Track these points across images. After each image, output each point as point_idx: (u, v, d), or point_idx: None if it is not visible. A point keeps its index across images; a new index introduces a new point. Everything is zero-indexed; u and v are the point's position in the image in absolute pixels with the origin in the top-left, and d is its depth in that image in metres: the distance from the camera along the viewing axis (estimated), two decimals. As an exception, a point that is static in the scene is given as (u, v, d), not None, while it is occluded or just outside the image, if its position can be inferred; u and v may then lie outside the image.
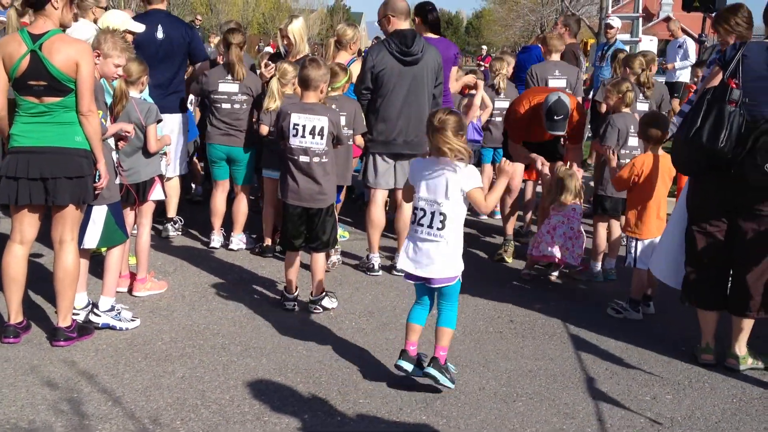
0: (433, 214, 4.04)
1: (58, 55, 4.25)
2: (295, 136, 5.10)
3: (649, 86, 7.20)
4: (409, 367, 4.16)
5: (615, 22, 10.67)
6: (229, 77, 6.52)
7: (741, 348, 4.56)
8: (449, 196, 4.02)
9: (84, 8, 6.47)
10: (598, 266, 6.29)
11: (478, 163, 8.10)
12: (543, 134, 6.40)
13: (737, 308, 4.55)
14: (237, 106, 6.53)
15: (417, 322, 4.24)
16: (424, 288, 4.21)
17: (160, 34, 6.75)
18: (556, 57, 7.61)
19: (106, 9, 6.82)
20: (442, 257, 4.05)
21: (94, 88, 4.40)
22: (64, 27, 4.48)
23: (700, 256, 4.58)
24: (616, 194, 6.04)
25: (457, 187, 4.02)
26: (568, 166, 6.15)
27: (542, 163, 6.36)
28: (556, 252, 5.93)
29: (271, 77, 6.32)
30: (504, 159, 4.45)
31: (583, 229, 6.12)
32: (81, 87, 4.30)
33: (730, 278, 4.62)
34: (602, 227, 6.31)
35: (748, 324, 4.54)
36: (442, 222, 4.02)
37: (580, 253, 6.02)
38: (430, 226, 4.04)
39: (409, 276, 4.19)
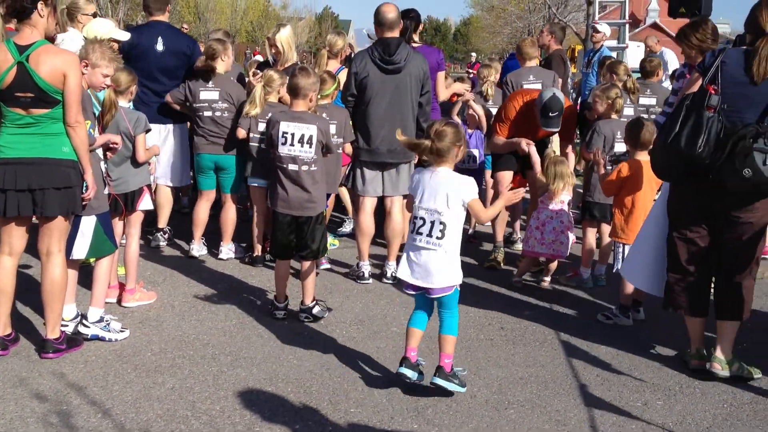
0: (432, 223, 4.07)
1: (45, 67, 4.22)
2: (284, 144, 5.09)
3: (634, 91, 7.24)
4: (411, 374, 4.17)
5: (601, 27, 10.73)
6: (210, 84, 6.52)
7: (726, 352, 4.54)
8: (450, 206, 4.06)
9: (73, 18, 6.46)
10: (588, 272, 6.30)
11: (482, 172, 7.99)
12: (534, 132, 6.42)
13: (721, 313, 4.55)
14: (219, 113, 6.53)
15: (418, 327, 4.26)
16: (424, 297, 4.22)
17: (160, 47, 6.76)
18: (531, 63, 7.66)
19: (94, 16, 6.81)
20: (440, 267, 4.08)
21: (81, 99, 4.38)
22: (48, 36, 4.45)
23: (682, 263, 4.57)
24: (605, 200, 6.06)
25: (458, 197, 4.07)
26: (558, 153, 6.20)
27: (527, 143, 6.34)
28: (546, 249, 6.01)
29: (257, 83, 6.33)
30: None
31: (572, 221, 6.18)
32: (68, 98, 4.27)
33: (713, 283, 4.63)
34: (591, 233, 6.33)
35: (731, 328, 4.54)
36: (442, 231, 4.06)
37: (568, 244, 6.07)
38: (429, 235, 4.07)
39: (408, 286, 4.20)
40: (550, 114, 6.11)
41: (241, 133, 6.31)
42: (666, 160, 4.47)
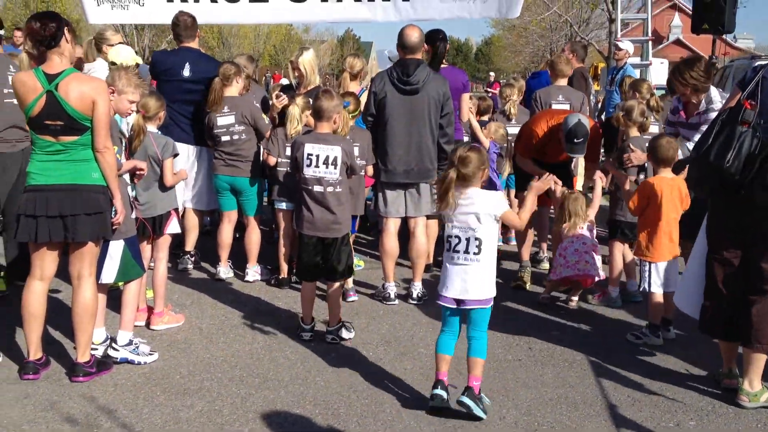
0: (468, 240, 4.17)
1: (74, 95, 4.28)
2: (308, 166, 5.13)
3: (657, 110, 7.19)
4: (445, 395, 4.21)
5: (623, 44, 10.71)
6: (226, 109, 6.56)
7: (753, 384, 4.40)
8: (483, 222, 4.17)
9: (100, 48, 6.61)
10: (617, 291, 6.25)
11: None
12: (557, 155, 6.40)
13: (747, 339, 4.41)
14: (236, 137, 6.58)
15: (446, 353, 4.29)
16: (456, 313, 4.27)
17: (186, 72, 6.85)
18: (562, 82, 7.63)
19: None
20: (477, 279, 4.18)
21: (109, 125, 4.44)
22: (72, 61, 4.52)
23: (716, 285, 4.49)
24: (632, 218, 6.01)
25: (489, 213, 4.18)
26: (588, 182, 6.23)
27: (555, 182, 6.33)
28: (572, 271, 5.97)
29: (287, 106, 6.34)
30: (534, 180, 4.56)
31: (596, 241, 6.15)
32: (97, 125, 4.34)
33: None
34: (618, 251, 6.28)
35: (759, 358, 4.38)
36: (479, 246, 4.17)
37: (599, 265, 6.05)
38: (466, 252, 4.18)
39: (444, 299, 4.26)
40: (575, 140, 6.08)
41: (272, 160, 6.36)
42: (697, 173, 4.44)
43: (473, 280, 4.17)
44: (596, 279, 6.05)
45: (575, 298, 6.22)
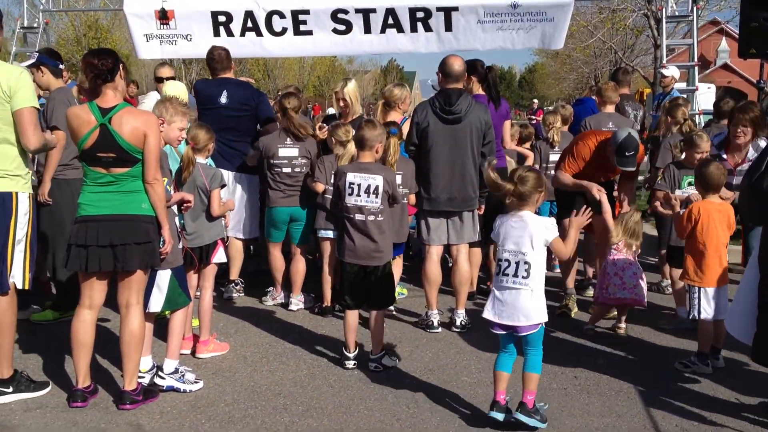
0: (518, 264, 4.24)
1: (126, 128, 4.41)
2: (350, 194, 5.18)
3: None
4: (501, 417, 4.30)
5: (668, 70, 10.61)
6: (288, 141, 6.65)
7: None
8: (534, 247, 4.23)
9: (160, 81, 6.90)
10: (684, 310, 6.22)
11: None
12: (605, 173, 6.39)
13: None
14: (297, 169, 6.65)
15: (504, 370, 4.38)
16: (510, 337, 4.34)
17: (224, 99, 7.01)
18: (610, 108, 7.58)
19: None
20: (527, 305, 4.22)
21: (159, 158, 4.56)
22: (123, 96, 4.67)
23: None
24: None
25: (541, 238, 4.25)
26: (623, 203, 6.33)
27: (598, 190, 6.33)
28: (629, 294, 5.99)
29: (347, 141, 6.33)
30: (573, 213, 4.59)
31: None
32: (148, 157, 4.46)
33: None
34: (676, 273, 6.24)
35: None
36: (527, 271, 4.22)
37: (644, 291, 6.08)
38: (515, 275, 4.25)
39: (495, 326, 4.33)
40: (627, 153, 6.11)
41: (320, 187, 6.42)
42: (750, 201, 4.36)
43: (523, 308, 4.22)
44: (643, 306, 6.04)
45: (623, 325, 6.15)
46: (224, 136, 6.86)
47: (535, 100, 26.18)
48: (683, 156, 6.49)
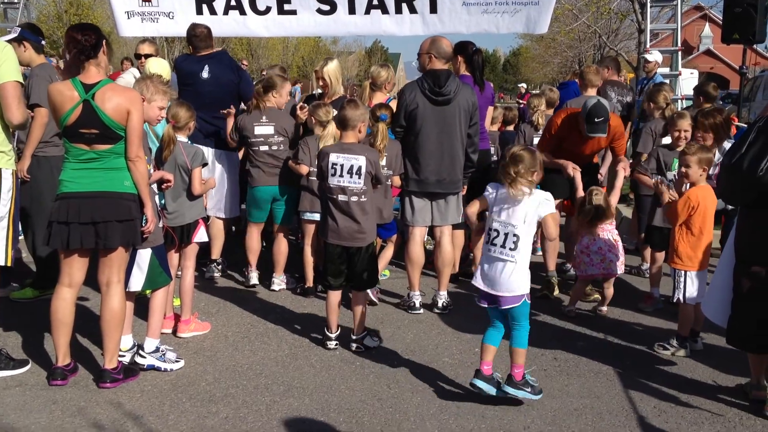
0: (506, 235, 4.29)
1: (110, 104, 4.37)
2: (333, 175, 5.16)
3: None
4: (484, 386, 4.37)
5: (652, 56, 10.64)
6: (264, 119, 6.61)
7: None
8: (526, 221, 4.27)
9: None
10: (658, 291, 6.40)
11: None
12: (581, 147, 6.42)
13: None
14: (275, 147, 6.61)
15: (491, 343, 4.46)
16: (496, 312, 4.41)
17: (205, 74, 6.95)
18: (591, 92, 7.60)
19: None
20: (510, 276, 4.28)
21: (142, 135, 4.51)
22: (106, 72, 4.62)
23: (744, 298, 4.40)
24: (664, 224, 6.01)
25: (534, 213, 4.28)
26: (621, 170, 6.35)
27: (573, 168, 6.38)
28: (597, 270, 6.09)
29: (327, 121, 6.31)
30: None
31: (618, 237, 6.22)
32: (131, 134, 4.42)
33: None
34: (659, 256, 6.38)
35: None
36: (515, 243, 4.27)
37: (622, 260, 6.14)
38: (503, 246, 4.29)
39: (482, 297, 4.40)
40: (596, 120, 6.14)
41: (304, 169, 6.39)
42: (728, 182, 4.37)
43: (505, 278, 4.28)
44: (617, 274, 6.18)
45: (605, 308, 6.21)
46: (205, 113, 6.75)
47: (523, 84, 26.05)
48: (665, 140, 6.53)
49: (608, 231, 6.13)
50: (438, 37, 6.14)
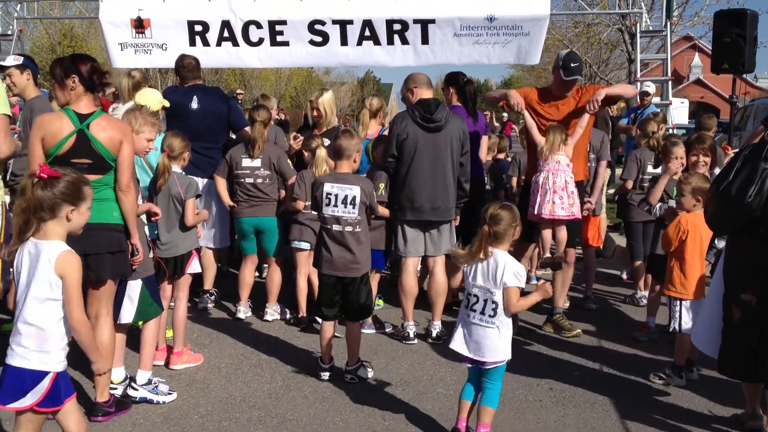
0: (485, 301, 4.16)
1: (104, 135, 4.37)
2: (327, 205, 5.16)
3: (657, 149, 7.12)
4: None
5: (651, 88, 10.76)
6: (251, 152, 6.59)
7: None
8: (499, 286, 4.13)
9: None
10: (653, 321, 6.34)
11: None
12: (553, 114, 6.45)
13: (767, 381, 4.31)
14: (260, 180, 6.59)
15: (468, 399, 4.33)
16: (477, 369, 4.28)
17: (194, 105, 6.96)
18: None
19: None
20: (493, 343, 4.15)
21: (133, 166, 4.51)
22: (98, 104, 4.63)
23: (735, 327, 4.36)
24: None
25: (502, 280, 4.12)
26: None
27: (517, 101, 6.38)
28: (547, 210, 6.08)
29: (316, 147, 6.36)
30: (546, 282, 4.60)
31: (573, 182, 6.17)
32: (122, 164, 4.41)
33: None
34: (659, 286, 6.27)
35: None
36: (494, 310, 4.14)
37: (575, 204, 6.15)
38: (482, 313, 4.17)
39: (464, 359, 4.27)
40: (572, 64, 6.24)
41: (300, 204, 6.38)
42: (716, 209, 4.37)
43: (489, 345, 4.14)
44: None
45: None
46: (196, 144, 6.75)
47: (505, 114, 26.01)
48: (659, 169, 6.54)
49: (561, 168, 6.11)
50: (411, 73, 6.27)
